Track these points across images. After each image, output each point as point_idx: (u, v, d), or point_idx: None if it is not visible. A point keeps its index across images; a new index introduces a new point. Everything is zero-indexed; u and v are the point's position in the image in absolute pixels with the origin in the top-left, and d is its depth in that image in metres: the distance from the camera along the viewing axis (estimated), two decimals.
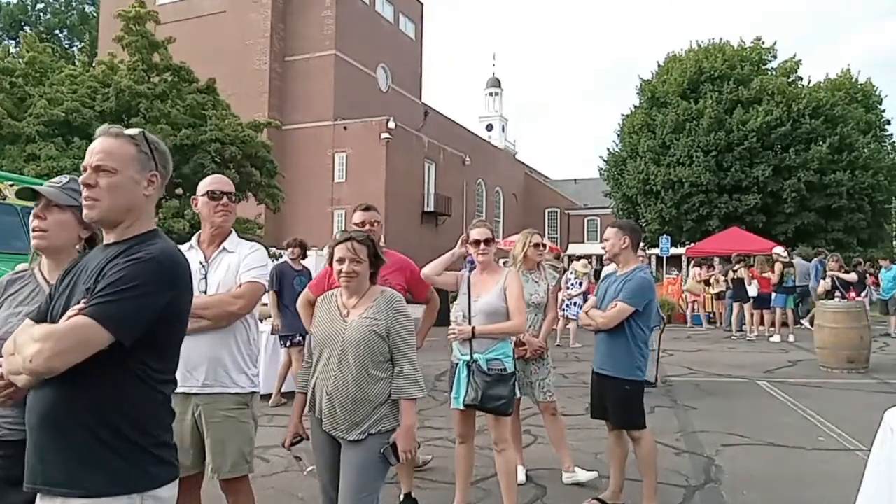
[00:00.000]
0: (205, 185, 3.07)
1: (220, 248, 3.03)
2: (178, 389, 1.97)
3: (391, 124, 31.50)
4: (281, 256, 8.05)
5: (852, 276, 11.39)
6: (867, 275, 15.31)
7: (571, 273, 12.79)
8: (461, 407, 3.79)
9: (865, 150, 23.49)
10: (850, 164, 23.33)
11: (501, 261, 4.56)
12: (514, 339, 4.16)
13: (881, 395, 7.92)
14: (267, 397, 6.87)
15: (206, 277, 2.95)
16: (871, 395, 7.97)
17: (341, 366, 2.76)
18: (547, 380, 4.70)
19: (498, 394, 3.70)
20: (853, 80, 25.49)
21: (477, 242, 3.90)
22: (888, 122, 25.48)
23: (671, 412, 7.02)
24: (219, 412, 2.87)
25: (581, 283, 12.65)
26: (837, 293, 9.97)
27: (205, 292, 2.90)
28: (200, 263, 2.96)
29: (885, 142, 25.11)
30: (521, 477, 4.61)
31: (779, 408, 7.27)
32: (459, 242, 4.05)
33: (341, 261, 2.83)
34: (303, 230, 17.88)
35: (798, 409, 7.10)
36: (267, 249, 3.70)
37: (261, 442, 3.50)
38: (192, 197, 3.06)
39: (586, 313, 4.32)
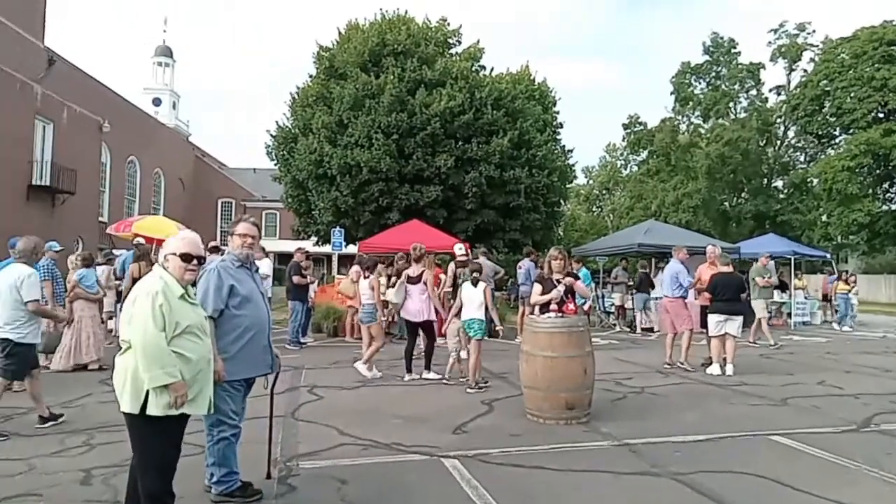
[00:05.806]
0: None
1: None
2: None
3: None
4: None
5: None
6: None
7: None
8: None
9: (542, 150, 22.67)
10: (528, 162, 22.22)
11: None
12: None
13: (641, 480, 4.72)
14: None
15: None
16: (629, 483, 4.66)
17: None
18: None
19: None
20: (531, 78, 24.97)
21: None
22: (561, 126, 25.57)
23: None
24: None
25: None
26: (553, 305, 6.69)
27: None
28: None
29: (557, 143, 25.05)
30: None
31: None
32: None
33: None
34: None
35: None
36: None
37: None
38: None
39: None
